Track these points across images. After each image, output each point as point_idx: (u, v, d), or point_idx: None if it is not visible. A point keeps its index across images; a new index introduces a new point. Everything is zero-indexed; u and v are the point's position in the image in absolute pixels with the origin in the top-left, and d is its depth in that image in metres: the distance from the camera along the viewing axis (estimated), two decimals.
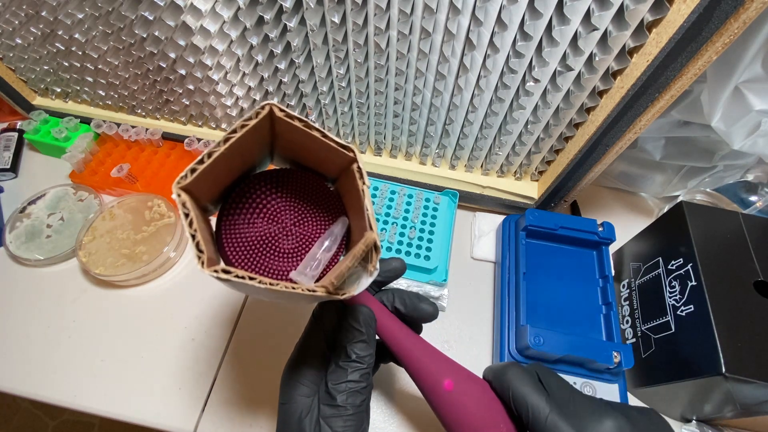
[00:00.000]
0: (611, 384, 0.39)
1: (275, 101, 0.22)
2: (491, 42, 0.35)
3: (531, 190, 0.52)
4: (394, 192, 0.51)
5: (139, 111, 0.57)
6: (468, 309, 0.48)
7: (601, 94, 0.38)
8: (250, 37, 0.41)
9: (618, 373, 0.39)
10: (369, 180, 0.25)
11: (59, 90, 0.59)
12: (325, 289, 0.23)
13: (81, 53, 0.49)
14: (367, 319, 0.27)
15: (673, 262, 0.39)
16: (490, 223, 0.53)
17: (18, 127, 0.61)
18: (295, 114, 0.22)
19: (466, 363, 0.44)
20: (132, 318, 0.46)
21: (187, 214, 0.20)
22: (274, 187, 0.27)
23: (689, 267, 0.37)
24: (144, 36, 0.43)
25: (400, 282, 0.46)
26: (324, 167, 0.28)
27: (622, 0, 0.30)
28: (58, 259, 0.49)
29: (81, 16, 0.44)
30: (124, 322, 0.46)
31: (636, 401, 0.41)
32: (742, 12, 0.26)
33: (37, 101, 0.60)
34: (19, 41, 0.50)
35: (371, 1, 0.35)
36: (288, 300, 0.25)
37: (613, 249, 0.50)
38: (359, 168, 0.24)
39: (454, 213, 0.51)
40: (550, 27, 0.33)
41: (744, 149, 0.41)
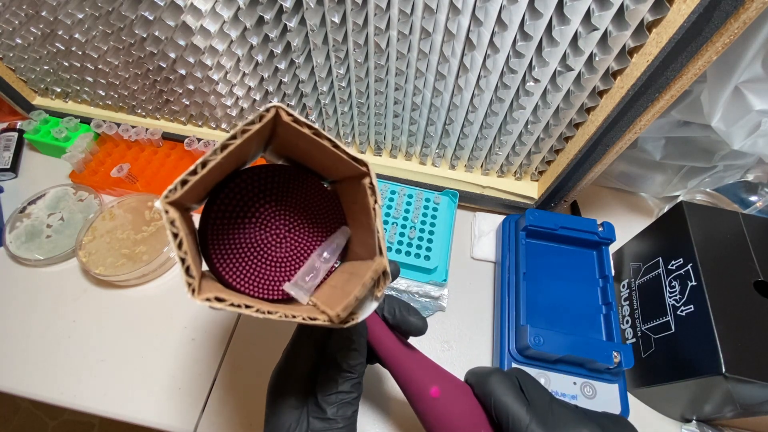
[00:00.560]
0: (611, 384, 0.39)
1: (279, 103, 0.20)
2: (491, 42, 0.35)
3: (531, 190, 0.52)
4: (394, 192, 0.51)
5: (139, 111, 0.57)
6: (468, 309, 0.48)
7: (601, 94, 0.38)
8: (250, 37, 0.41)
9: (618, 373, 0.39)
10: (381, 198, 0.22)
11: (59, 90, 0.59)
12: (328, 319, 0.21)
13: (81, 53, 0.49)
14: (359, 328, 0.26)
15: (673, 262, 0.39)
16: (490, 223, 0.53)
17: (18, 127, 0.61)
18: (304, 119, 0.20)
19: (466, 363, 0.44)
20: (132, 318, 0.46)
21: (176, 234, 0.18)
22: (267, 189, 0.25)
23: (689, 267, 0.37)
24: (144, 36, 0.43)
25: (400, 282, 0.46)
26: (326, 171, 0.26)
27: (622, 0, 0.30)
28: (58, 259, 0.49)
29: (81, 16, 0.44)
30: (124, 322, 0.46)
31: (636, 401, 0.41)
32: (742, 12, 0.26)
33: (37, 101, 0.60)
34: (19, 41, 0.50)
35: (371, 1, 0.35)
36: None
37: (613, 249, 0.50)
38: (372, 184, 0.22)
39: (454, 213, 0.51)
40: (550, 27, 0.33)
41: (744, 149, 0.41)
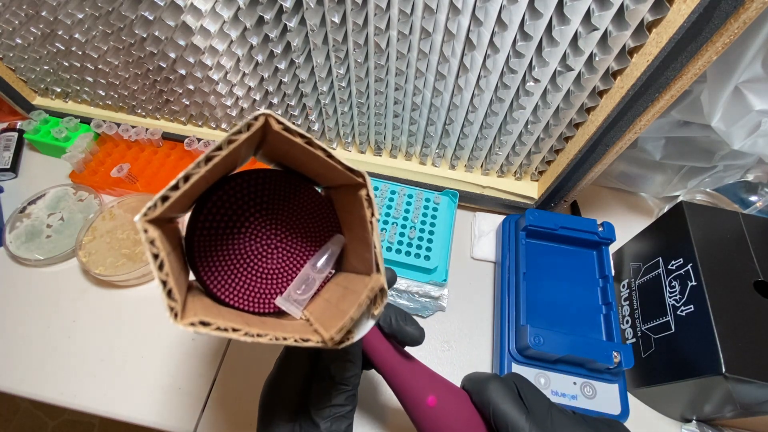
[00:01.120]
0: (611, 384, 0.39)
1: (270, 111, 0.19)
2: (491, 42, 0.35)
3: (531, 190, 0.52)
4: (394, 192, 0.51)
5: (139, 111, 0.57)
6: (468, 309, 0.48)
7: (601, 94, 0.38)
8: (250, 37, 0.41)
9: (618, 373, 0.39)
10: (378, 211, 0.21)
11: (59, 90, 0.59)
12: (322, 341, 0.20)
13: (81, 53, 0.49)
14: None
15: (673, 262, 0.39)
16: (490, 223, 0.53)
17: (18, 127, 0.61)
18: (296, 128, 0.19)
19: (466, 363, 0.44)
20: (132, 318, 0.46)
21: (157, 255, 0.16)
22: (257, 196, 0.23)
23: (689, 267, 0.37)
24: (144, 36, 0.43)
25: (400, 282, 0.46)
26: (319, 178, 0.25)
27: (622, 0, 0.30)
28: (58, 259, 0.49)
29: (81, 16, 0.44)
30: (124, 322, 0.46)
31: (636, 401, 0.41)
32: (742, 12, 0.26)
33: (37, 101, 0.60)
34: (19, 41, 0.50)
35: (371, 1, 0.35)
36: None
37: (613, 249, 0.50)
38: (368, 197, 0.21)
39: (454, 213, 0.51)
40: (550, 27, 0.33)
41: (744, 149, 0.41)
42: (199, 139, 0.54)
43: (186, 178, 0.17)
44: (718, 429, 0.39)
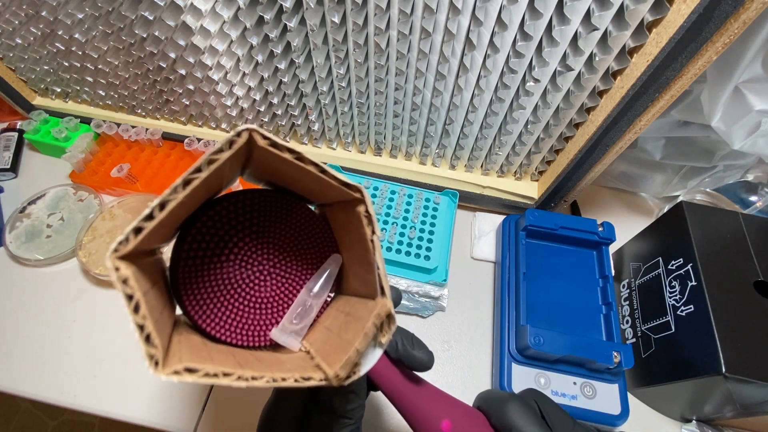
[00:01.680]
0: (611, 384, 0.39)
1: (254, 126, 0.17)
2: (491, 42, 0.35)
3: (531, 190, 0.52)
4: (394, 192, 0.51)
5: (139, 111, 0.57)
6: (468, 309, 0.48)
7: (601, 94, 0.38)
8: (250, 37, 0.41)
9: (618, 373, 0.39)
10: (379, 228, 0.19)
11: (59, 90, 0.59)
12: (325, 378, 0.18)
13: (81, 53, 0.49)
14: None
15: (673, 262, 0.39)
16: (490, 223, 0.53)
17: (18, 127, 0.61)
18: (284, 143, 0.17)
19: (466, 363, 0.44)
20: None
21: (131, 295, 0.15)
22: (245, 220, 0.22)
23: (689, 267, 0.37)
24: (144, 36, 0.43)
25: (400, 282, 0.46)
26: (312, 195, 0.23)
27: (622, 0, 0.30)
28: (58, 259, 0.49)
29: (81, 16, 0.44)
30: (124, 322, 0.46)
31: (636, 401, 0.41)
32: (742, 12, 0.26)
33: (37, 101, 0.60)
34: (19, 41, 0.50)
35: (371, 1, 0.35)
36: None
37: (613, 249, 0.50)
38: (368, 213, 0.19)
39: (454, 213, 0.51)
40: (550, 27, 0.33)
41: (744, 149, 0.41)
42: (199, 139, 0.54)
43: (162, 205, 0.15)
44: (718, 429, 0.39)
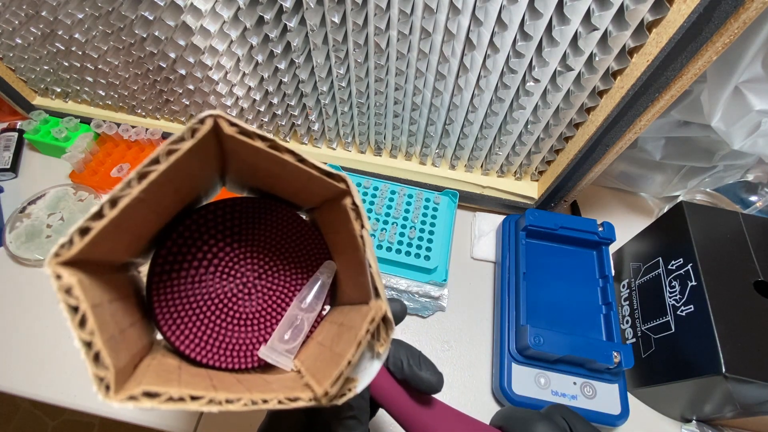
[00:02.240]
0: (611, 384, 0.39)
1: (219, 111, 0.15)
2: (491, 42, 0.35)
3: (531, 190, 0.52)
4: (394, 192, 0.51)
5: (139, 111, 0.57)
6: (468, 309, 0.48)
7: (601, 94, 0.38)
8: (250, 37, 0.41)
9: (618, 373, 0.39)
10: (369, 223, 0.17)
11: (59, 90, 0.59)
12: (314, 398, 0.16)
13: (81, 53, 0.49)
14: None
15: (673, 262, 0.39)
16: (490, 223, 0.53)
17: (18, 127, 0.61)
18: (254, 130, 0.15)
19: (466, 363, 0.44)
20: None
21: (76, 307, 0.12)
22: (226, 227, 0.20)
23: (689, 267, 0.37)
24: (144, 36, 0.43)
25: (400, 282, 0.46)
26: (298, 196, 0.21)
27: (622, 0, 0.30)
28: None
29: (81, 16, 0.44)
30: None
31: (636, 401, 0.41)
32: (742, 12, 0.26)
33: (37, 101, 0.60)
34: (19, 41, 0.50)
35: (371, 1, 0.35)
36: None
37: (613, 249, 0.50)
38: (355, 205, 0.17)
39: (454, 213, 0.51)
40: (550, 27, 0.33)
41: (744, 149, 0.41)
42: None
43: (113, 202, 0.13)
44: (718, 429, 0.39)
